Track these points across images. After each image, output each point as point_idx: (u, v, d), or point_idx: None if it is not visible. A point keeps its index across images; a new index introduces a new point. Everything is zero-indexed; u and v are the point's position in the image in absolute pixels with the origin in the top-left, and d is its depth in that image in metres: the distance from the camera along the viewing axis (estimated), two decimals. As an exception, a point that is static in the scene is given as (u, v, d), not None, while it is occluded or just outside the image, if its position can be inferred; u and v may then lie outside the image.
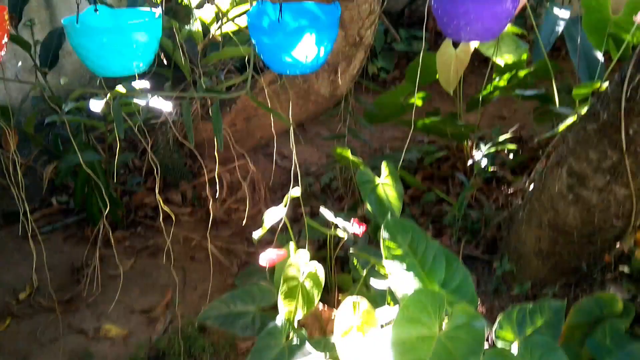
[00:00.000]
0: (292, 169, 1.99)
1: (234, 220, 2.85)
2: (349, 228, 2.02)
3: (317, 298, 1.66)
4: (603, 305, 1.76)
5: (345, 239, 2.05)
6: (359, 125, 3.02)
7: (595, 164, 1.76)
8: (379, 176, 2.22)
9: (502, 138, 2.62)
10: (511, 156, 2.95)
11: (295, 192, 1.93)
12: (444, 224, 2.58)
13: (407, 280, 1.46)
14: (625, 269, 2.27)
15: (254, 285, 1.92)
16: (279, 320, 1.72)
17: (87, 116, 2.67)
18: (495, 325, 1.52)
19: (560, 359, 1.27)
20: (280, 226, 2.21)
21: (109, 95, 1.75)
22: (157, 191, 1.83)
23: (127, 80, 1.82)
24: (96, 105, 1.77)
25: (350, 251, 2.04)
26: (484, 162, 2.71)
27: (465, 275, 1.47)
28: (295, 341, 1.67)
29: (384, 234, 1.53)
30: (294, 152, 1.97)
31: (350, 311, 1.48)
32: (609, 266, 2.29)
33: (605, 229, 1.86)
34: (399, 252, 1.51)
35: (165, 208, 1.92)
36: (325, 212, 2.19)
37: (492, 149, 2.57)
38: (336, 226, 2.06)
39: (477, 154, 2.67)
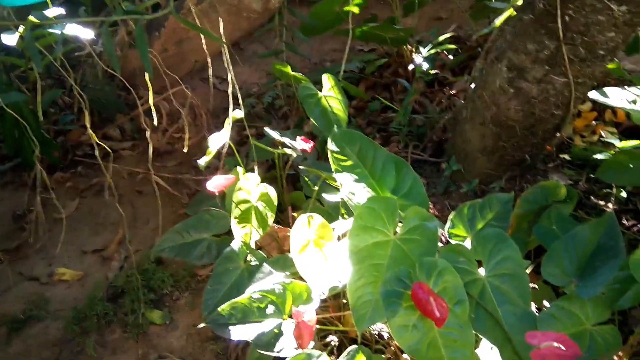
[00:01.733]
0: (230, 89, 1.92)
1: (178, 150, 2.77)
2: (296, 145, 1.99)
3: (271, 218, 1.65)
4: (547, 193, 1.82)
5: (294, 156, 2.02)
6: (296, 39, 2.92)
7: (534, 55, 1.76)
8: (322, 90, 2.18)
9: (441, 39, 2.59)
10: (451, 57, 2.94)
11: (237, 113, 1.86)
12: (391, 132, 2.58)
13: (358, 191, 1.46)
14: (566, 156, 2.35)
15: (205, 212, 1.89)
16: (235, 244, 1.71)
17: (5, 54, 2.47)
18: (448, 224, 1.56)
19: (511, 248, 1.31)
20: (225, 150, 2.16)
21: (21, 27, 1.60)
22: (88, 127, 1.73)
23: (39, 9, 1.67)
24: (9, 39, 1.63)
25: (300, 168, 2.02)
26: (425, 66, 2.68)
27: (415, 179, 1.47)
28: (253, 263, 1.67)
29: (331, 146, 1.51)
30: (230, 72, 1.89)
31: (305, 227, 1.48)
32: (551, 156, 2.37)
33: (545, 120, 1.89)
34: (348, 163, 1.49)
35: (102, 143, 1.82)
36: (271, 132, 2.14)
37: (432, 51, 2.54)
38: (283, 145, 2.03)
39: (418, 58, 2.64)
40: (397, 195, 1.46)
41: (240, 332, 1.42)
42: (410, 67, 2.76)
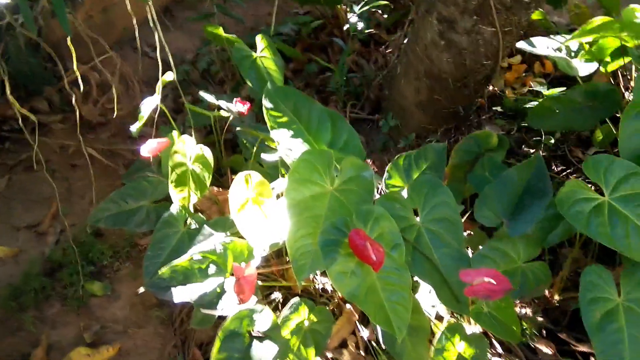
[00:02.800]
0: (158, 53, 1.86)
1: (112, 121, 2.68)
2: (232, 108, 1.96)
3: (208, 180, 1.63)
4: (480, 143, 1.87)
5: (232, 118, 1.99)
6: (229, 3, 2.85)
7: (462, 6, 1.78)
8: (256, 51, 2.15)
9: (373, -4, 2.58)
10: (385, 16, 2.94)
11: (168, 76, 1.81)
12: (329, 92, 2.58)
13: (295, 147, 1.46)
14: (498, 108, 2.42)
15: (141, 179, 1.85)
16: (174, 208, 1.68)
17: None
18: (385, 176, 1.58)
19: (444, 194, 1.34)
20: (160, 117, 2.10)
21: None
22: (10, 98, 1.64)
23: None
24: None
25: (237, 130, 1.99)
26: (360, 25, 2.68)
27: (351, 132, 1.48)
28: (193, 226, 1.65)
29: (266, 103, 1.50)
30: (159, 32, 1.83)
31: (243, 185, 1.46)
32: (484, 108, 2.43)
33: (476, 70, 1.93)
34: (283, 119, 1.48)
35: (30, 115, 1.74)
36: (206, 96, 2.10)
37: (364, 9, 2.53)
38: (219, 108, 1.99)
39: (352, 17, 2.63)
40: (334, 149, 1.46)
41: (182, 294, 1.40)
42: (346, 27, 2.75)
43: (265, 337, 1.35)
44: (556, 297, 1.57)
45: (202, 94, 2.09)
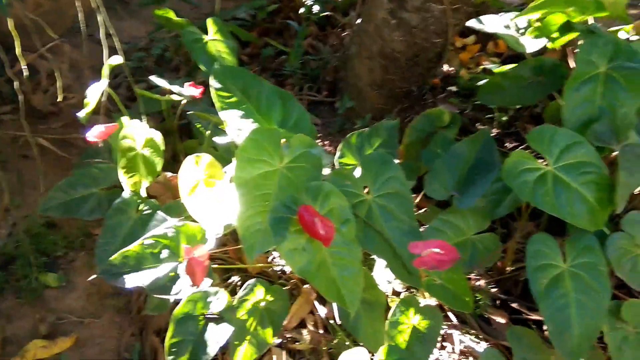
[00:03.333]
0: (102, 36, 1.82)
1: (64, 111, 2.62)
2: (184, 92, 1.94)
3: (159, 164, 1.60)
4: (433, 121, 1.89)
5: (184, 102, 1.97)
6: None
7: (412, -16, 1.79)
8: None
9: (327, -22, 2.57)
10: (341, -2, 2.93)
11: (115, 60, 1.77)
12: (285, 75, 2.57)
13: (246, 127, 1.44)
14: (453, 88, 2.45)
15: (91, 167, 1.81)
16: (126, 195, 1.65)
17: None
18: (337, 154, 1.58)
19: (394, 169, 1.35)
20: (110, 104, 2.06)
21: None
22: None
23: None
24: None
25: (189, 114, 1.97)
26: (316, 8, 2.67)
27: (301, 111, 1.47)
28: (146, 212, 1.63)
29: (214, 83, 1.47)
30: (105, 19, 1.78)
31: (193, 167, 1.45)
32: (438, 88, 2.45)
33: (427, 49, 1.95)
34: (233, 99, 1.47)
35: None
36: (158, 80, 2.07)
37: (318, -10, 2.52)
38: (172, 92, 1.96)
39: (308, 0, 2.61)
40: (285, 128, 1.45)
41: (134, 280, 1.38)
42: (301, 10, 2.73)
43: (220, 319, 1.34)
44: (508, 268, 1.60)
45: (153, 78, 2.05)
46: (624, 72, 1.40)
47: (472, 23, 2.01)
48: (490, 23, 2.01)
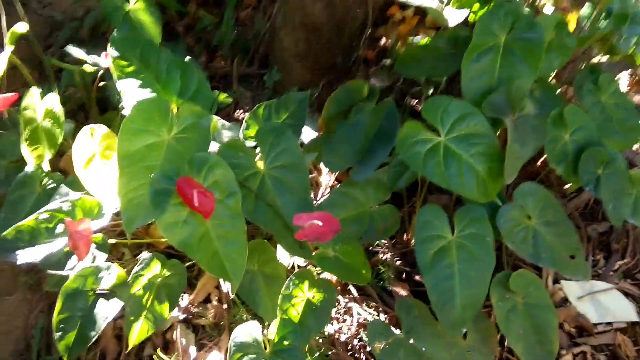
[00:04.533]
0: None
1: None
2: (100, 62, 1.88)
3: (60, 136, 1.56)
4: (352, 93, 1.86)
5: (101, 73, 1.91)
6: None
7: (327, -48, 1.75)
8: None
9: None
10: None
11: (20, 28, 1.71)
12: (216, 47, 2.52)
13: (143, 97, 1.41)
14: (388, 61, 2.42)
15: (-2, 140, 1.76)
16: (29, 168, 1.61)
17: None
18: (243, 126, 1.55)
19: (289, 140, 1.33)
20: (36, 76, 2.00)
21: None
22: None
23: None
24: None
25: (100, 84, 1.92)
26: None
27: (201, 81, 1.44)
28: (50, 185, 1.59)
29: (112, 51, 1.43)
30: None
31: (88, 138, 1.41)
32: (373, 61, 2.42)
33: (348, 20, 1.92)
34: (131, 69, 1.43)
35: None
36: (73, 50, 2.01)
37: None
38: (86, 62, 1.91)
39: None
40: (184, 99, 1.42)
41: (27, 255, 1.36)
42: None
43: (110, 294, 1.33)
44: (413, 241, 1.61)
45: (69, 48, 1.99)
46: (522, 43, 1.39)
47: (394, -6, 1.99)
48: (413, -6, 1.99)
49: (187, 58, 2.28)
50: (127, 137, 1.21)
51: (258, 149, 1.43)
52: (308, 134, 1.89)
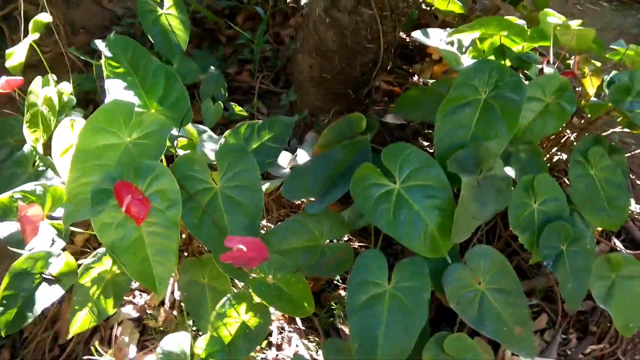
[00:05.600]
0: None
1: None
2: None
3: (53, 123, 1.64)
4: (352, 125, 1.86)
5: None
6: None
7: (344, -16, 1.76)
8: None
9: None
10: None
11: (44, 17, 1.82)
12: (244, 60, 2.58)
13: (127, 98, 1.46)
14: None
15: (11, 118, 1.86)
16: (26, 148, 1.70)
17: None
18: (221, 142, 1.58)
19: (249, 162, 1.34)
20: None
21: None
22: None
23: None
24: None
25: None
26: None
27: (182, 92, 1.47)
28: (40, 168, 1.67)
29: (106, 51, 1.49)
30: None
31: (67, 130, 1.48)
32: (397, 95, 2.41)
33: (359, 52, 1.91)
34: (120, 70, 1.48)
35: None
36: (99, 44, 2.11)
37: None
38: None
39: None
40: (164, 106, 1.46)
41: (-3, 230, 1.43)
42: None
43: (54, 281, 1.37)
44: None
45: (96, 42, 2.10)
46: (503, 101, 1.35)
47: (416, 34, 1.98)
48: (435, 37, 1.97)
49: (212, 68, 2.36)
50: (87, 134, 1.26)
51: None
52: (303, 156, 1.90)
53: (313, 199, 1.42)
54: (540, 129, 1.49)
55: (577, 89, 1.84)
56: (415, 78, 2.61)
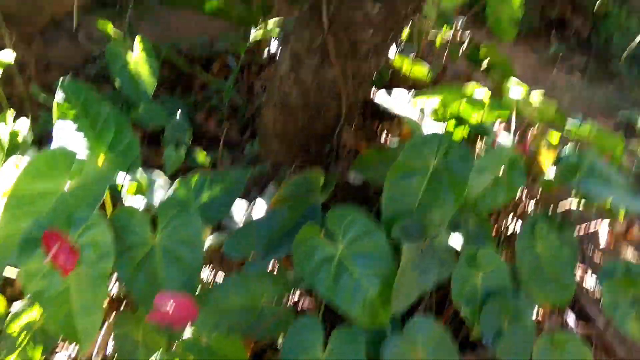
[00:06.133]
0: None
1: None
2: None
3: (1, 162, 1.60)
4: (310, 181, 1.85)
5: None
6: (145, 6, 2.87)
7: (308, 43, 1.78)
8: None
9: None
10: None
11: (4, 56, 1.81)
12: (213, 107, 2.58)
13: (77, 141, 1.44)
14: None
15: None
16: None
17: None
18: (169, 191, 1.55)
19: (190, 217, 1.31)
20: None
21: None
22: None
23: None
24: None
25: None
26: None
27: (133, 140, 1.46)
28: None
29: (58, 95, 1.48)
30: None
31: (13, 168, 1.44)
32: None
33: (322, 112, 1.92)
34: (72, 112, 1.47)
35: None
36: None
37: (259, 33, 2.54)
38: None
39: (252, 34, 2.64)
40: (113, 152, 1.44)
41: None
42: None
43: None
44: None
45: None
46: (451, 173, 1.35)
47: (379, 95, 2.00)
48: (398, 99, 1.99)
49: (180, 112, 2.35)
50: (24, 179, 1.23)
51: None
52: (260, 209, 1.88)
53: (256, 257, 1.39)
54: (490, 201, 1.49)
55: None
56: (384, 136, 2.63)
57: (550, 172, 1.64)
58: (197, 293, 1.27)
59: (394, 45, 2.42)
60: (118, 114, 1.48)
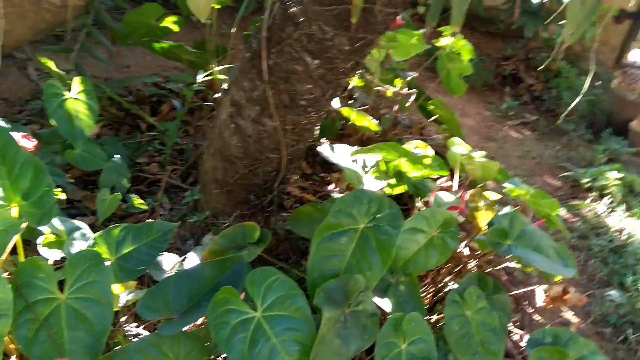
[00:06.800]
0: None
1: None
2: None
3: None
4: (246, 234, 1.79)
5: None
6: (98, 42, 2.81)
7: (248, 93, 1.75)
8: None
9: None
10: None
11: None
12: (160, 153, 2.52)
13: (-12, 186, 1.36)
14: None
15: None
16: None
17: None
18: (89, 242, 1.47)
19: (102, 273, 1.23)
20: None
21: None
22: None
23: None
24: None
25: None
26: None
27: (49, 188, 1.38)
28: None
29: (-26, 138, 1.40)
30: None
31: None
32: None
33: (262, 162, 1.88)
34: (-13, 157, 1.39)
35: None
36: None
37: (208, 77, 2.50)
38: None
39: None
40: (28, 200, 1.36)
41: None
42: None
43: None
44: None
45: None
46: (379, 234, 1.31)
47: (322, 149, 1.97)
48: (340, 153, 1.97)
49: (118, 156, 2.28)
50: None
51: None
52: (192, 260, 1.81)
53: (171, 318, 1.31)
54: (423, 262, 1.46)
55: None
56: (332, 187, 2.60)
57: (487, 232, 1.62)
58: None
59: (338, 97, 2.42)
60: (36, 161, 1.40)
